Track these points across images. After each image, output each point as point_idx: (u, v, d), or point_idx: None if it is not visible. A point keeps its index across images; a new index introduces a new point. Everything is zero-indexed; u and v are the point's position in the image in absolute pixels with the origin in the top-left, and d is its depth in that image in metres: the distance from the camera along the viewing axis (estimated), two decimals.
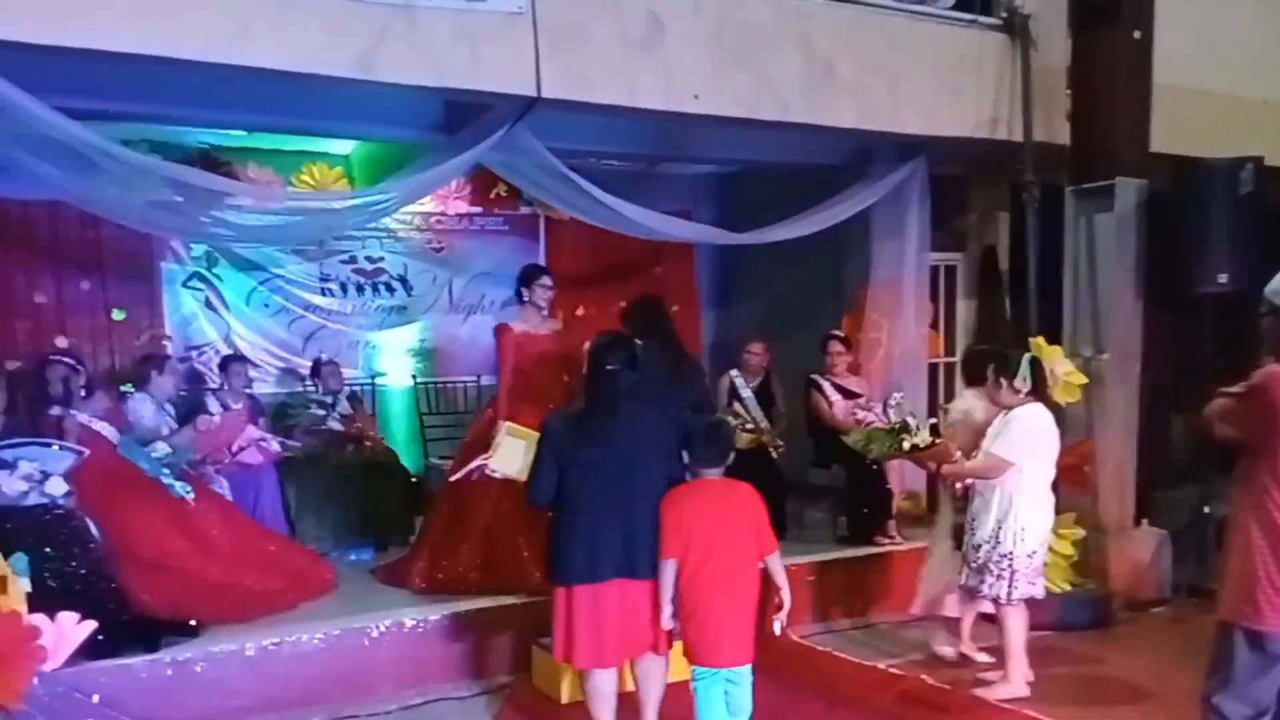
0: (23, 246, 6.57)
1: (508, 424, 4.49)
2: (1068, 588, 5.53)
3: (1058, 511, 4.85)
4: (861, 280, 6.85)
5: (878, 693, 4.63)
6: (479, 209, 7.87)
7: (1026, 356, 4.64)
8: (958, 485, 4.85)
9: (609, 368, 3.78)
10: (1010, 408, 4.53)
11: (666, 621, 3.69)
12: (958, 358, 7.11)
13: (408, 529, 6.09)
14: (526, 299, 5.57)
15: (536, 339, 5.54)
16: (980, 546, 4.59)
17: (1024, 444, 4.48)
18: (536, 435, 3.95)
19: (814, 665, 5.02)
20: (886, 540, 6.11)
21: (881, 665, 4.98)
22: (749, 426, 6.31)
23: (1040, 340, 5.64)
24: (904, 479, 6.67)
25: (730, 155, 7.06)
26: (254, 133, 6.69)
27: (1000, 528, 4.52)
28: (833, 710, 4.50)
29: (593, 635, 3.68)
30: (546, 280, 5.62)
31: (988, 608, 4.78)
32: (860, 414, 6.15)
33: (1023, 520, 4.50)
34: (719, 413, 6.36)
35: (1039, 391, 4.60)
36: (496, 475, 4.35)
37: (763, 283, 8.04)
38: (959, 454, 4.75)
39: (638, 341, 4.68)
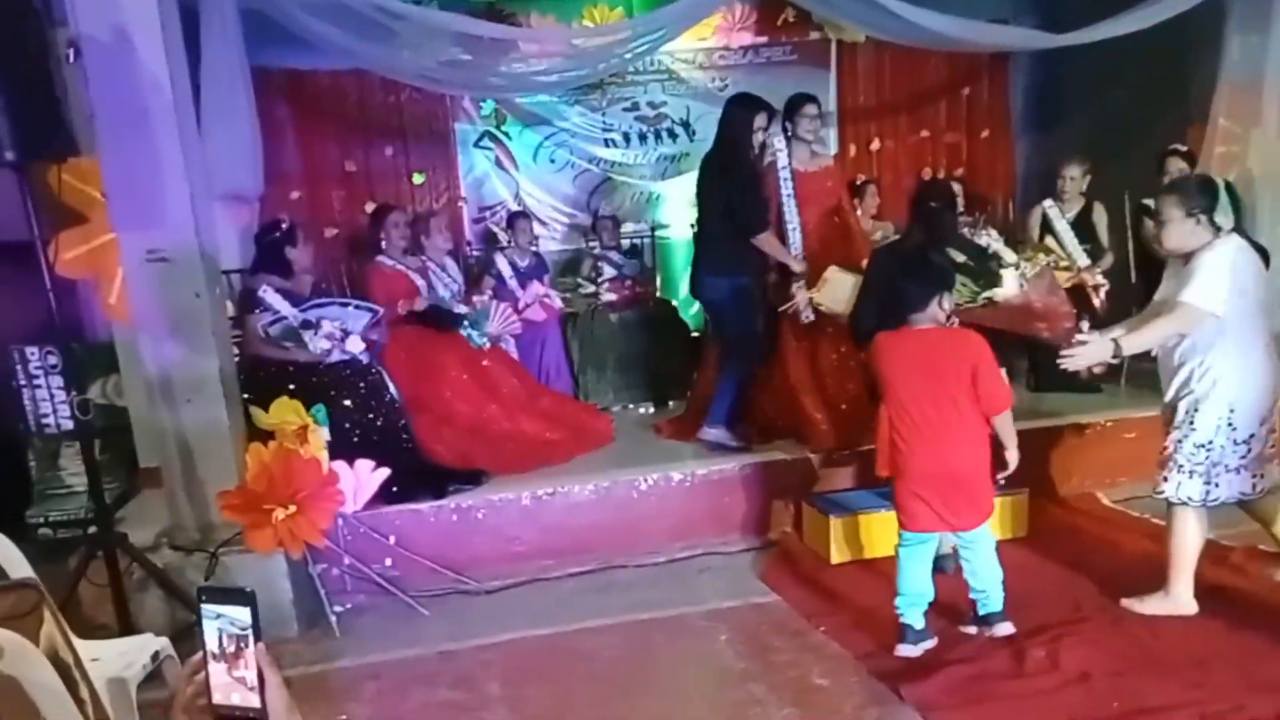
0: (334, 118, 6.96)
1: (834, 266, 4.72)
2: None
3: None
4: (1212, 84, 5.67)
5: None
6: (764, 39, 7.36)
7: (1223, 183, 3.43)
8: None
9: (933, 205, 4.17)
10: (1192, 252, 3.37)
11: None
12: None
13: (687, 384, 5.98)
14: (791, 133, 5.05)
15: (804, 178, 5.04)
16: (1171, 433, 3.50)
17: (1225, 285, 3.29)
18: (859, 275, 4.40)
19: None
20: None
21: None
22: (1064, 264, 5.55)
23: None
24: None
25: None
26: None
27: (1196, 408, 3.41)
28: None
29: None
30: (812, 109, 5.03)
31: None
32: None
33: (1230, 396, 3.36)
34: (1028, 248, 5.67)
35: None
36: (823, 309, 4.71)
37: (1089, 98, 6.93)
38: (1087, 327, 3.51)
39: None
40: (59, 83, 3.61)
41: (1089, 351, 3.39)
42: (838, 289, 4.61)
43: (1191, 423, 3.42)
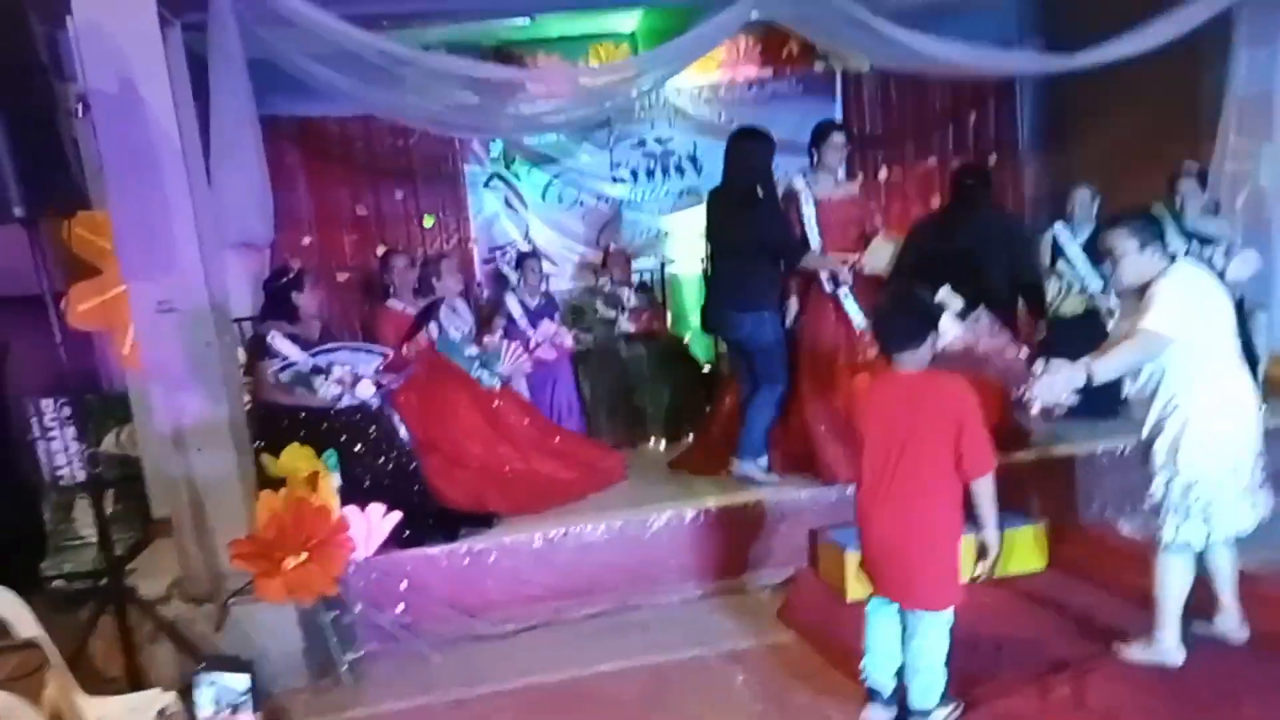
0: (343, 163, 7.04)
1: (879, 233, 5.11)
2: None
3: None
4: (1221, 100, 5.62)
5: None
6: (769, 72, 7.39)
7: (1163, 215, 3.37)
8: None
9: (968, 183, 5.04)
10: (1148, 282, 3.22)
11: None
12: None
13: (699, 419, 5.93)
14: (817, 160, 5.01)
15: (829, 206, 5.00)
16: (1153, 479, 3.31)
17: (1182, 311, 3.14)
18: (901, 240, 4.97)
19: None
20: None
21: None
22: (1077, 288, 5.50)
23: None
24: None
25: None
26: (540, 21, 6.75)
27: (1176, 447, 3.23)
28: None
29: None
30: (838, 138, 4.96)
31: None
32: None
33: (1207, 428, 3.19)
34: (1041, 274, 5.62)
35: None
36: (866, 272, 4.93)
37: (1099, 119, 6.89)
38: (1025, 353, 3.36)
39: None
40: (68, 137, 3.65)
41: (1061, 379, 3.17)
42: (880, 253, 4.94)
43: (1175, 463, 3.26)
